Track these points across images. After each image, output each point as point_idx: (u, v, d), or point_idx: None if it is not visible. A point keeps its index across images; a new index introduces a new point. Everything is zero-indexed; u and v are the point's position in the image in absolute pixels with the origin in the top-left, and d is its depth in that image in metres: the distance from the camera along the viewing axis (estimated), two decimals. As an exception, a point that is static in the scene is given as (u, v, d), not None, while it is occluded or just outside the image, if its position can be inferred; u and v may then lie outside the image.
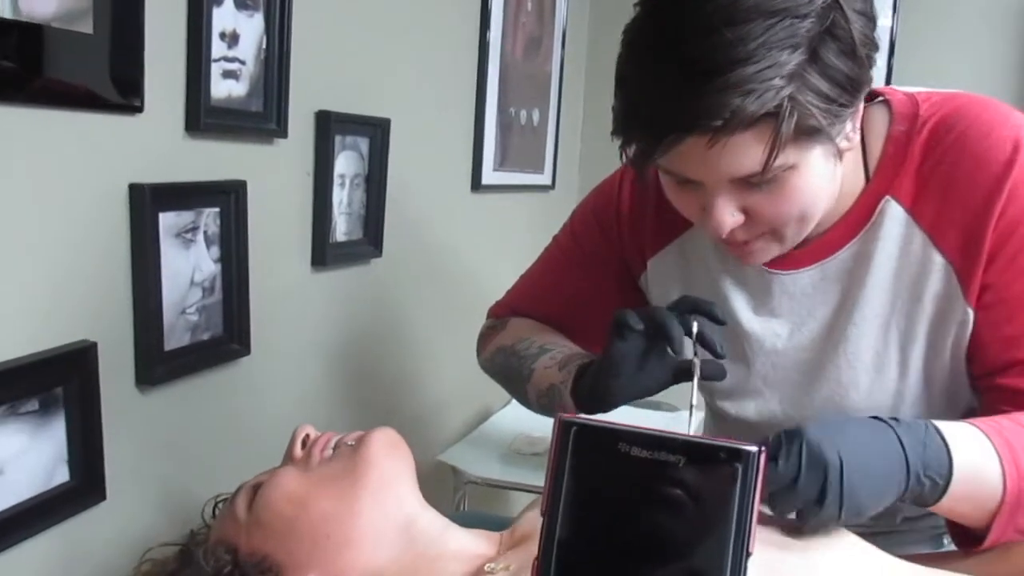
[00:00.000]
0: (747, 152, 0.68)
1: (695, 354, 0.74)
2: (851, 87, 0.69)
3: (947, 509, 0.71)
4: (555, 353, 0.96)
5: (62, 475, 0.88)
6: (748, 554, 0.48)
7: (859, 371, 0.85)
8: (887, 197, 0.81)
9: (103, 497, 0.92)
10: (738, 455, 0.49)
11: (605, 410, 0.83)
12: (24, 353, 0.82)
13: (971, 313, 0.79)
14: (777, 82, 0.65)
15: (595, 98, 2.47)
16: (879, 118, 0.82)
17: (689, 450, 0.50)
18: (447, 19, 1.63)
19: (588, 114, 2.49)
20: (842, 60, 0.68)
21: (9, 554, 0.83)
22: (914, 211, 0.80)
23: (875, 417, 0.69)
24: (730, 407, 0.94)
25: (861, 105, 0.74)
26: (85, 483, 0.90)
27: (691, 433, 0.62)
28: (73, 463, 0.89)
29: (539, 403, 0.97)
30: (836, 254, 0.84)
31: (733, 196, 0.73)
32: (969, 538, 0.74)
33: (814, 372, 0.87)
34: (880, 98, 0.84)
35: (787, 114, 0.66)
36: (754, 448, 0.49)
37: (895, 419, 0.68)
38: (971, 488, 0.69)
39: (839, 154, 0.74)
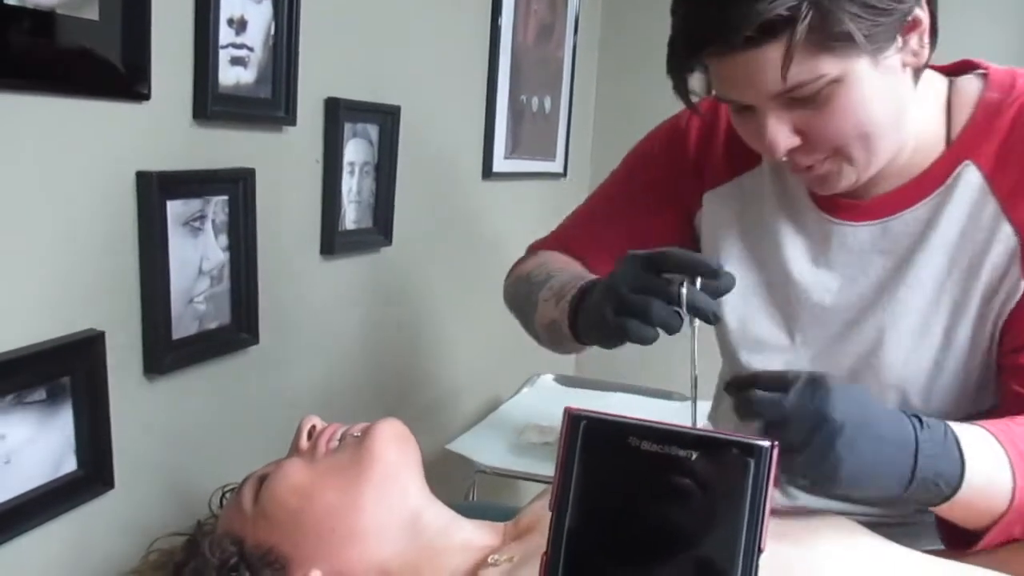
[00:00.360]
0: (773, 68, 0.69)
1: (691, 324, 0.68)
2: None
3: (947, 512, 0.69)
4: (554, 282, 0.92)
5: (70, 464, 0.88)
6: (760, 550, 0.48)
7: (902, 333, 0.83)
8: (967, 162, 0.79)
9: (111, 486, 0.92)
10: (750, 450, 0.48)
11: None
12: (31, 342, 0.82)
13: (1023, 286, 0.77)
14: None
15: (607, 85, 2.45)
16: (972, 87, 0.81)
17: (700, 444, 0.49)
18: (458, 5, 1.61)
19: (600, 101, 2.47)
20: None
21: (18, 542, 0.83)
22: (992, 179, 0.78)
23: (903, 412, 0.67)
24: (757, 361, 0.91)
25: (923, 17, 0.71)
26: (93, 472, 0.90)
27: (695, 402, 0.62)
28: (81, 452, 0.89)
29: (548, 338, 0.95)
30: (902, 213, 0.82)
31: (784, 116, 0.74)
32: (957, 536, 0.72)
33: (855, 328, 0.85)
34: (979, 70, 0.83)
35: (804, 18, 0.65)
36: (767, 443, 0.48)
37: (919, 418, 0.66)
38: (977, 499, 0.67)
39: (903, 68, 0.73)
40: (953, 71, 0.85)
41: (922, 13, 0.72)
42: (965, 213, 0.80)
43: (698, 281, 0.66)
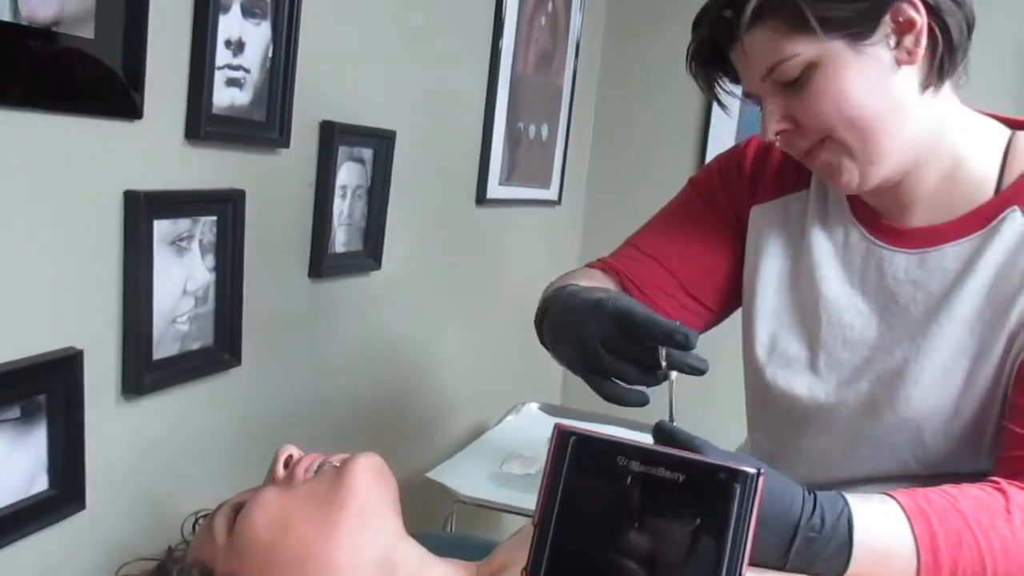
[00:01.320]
0: (764, 46, 0.77)
1: (669, 377, 0.71)
2: None
3: None
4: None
5: (41, 483, 0.87)
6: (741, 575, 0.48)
7: (925, 370, 0.83)
8: (1014, 207, 0.80)
9: (83, 507, 0.91)
10: (736, 475, 0.49)
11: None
12: (7, 359, 0.81)
13: None
14: None
15: (606, 114, 2.46)
16: None
17: (688, 468, 0.49)
18: (459, 31, 1.62)
19: (598, 130, 2.48)
20: None
21: (-17, 562, 0.81)
22: None
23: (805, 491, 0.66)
24: (782, 378, 0.92)
25: (917, 19, 0.74)
26: (65, 492, 0.89)
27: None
28: (53, 472, 0.87)
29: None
30: (943, 246, 0.83)
31: (778, 101, 0.80)
32: None
33: (879, 356, 0.86)
34: None
35: None
36: (753, 470, 0.49)
37: (815, 500, 0.65)
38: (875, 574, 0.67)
39: (897, 65, 0.76)
40: (1021, 125, 0.86)
41: (916, 15, 0.75)
42: (1005, 254, 0.80)
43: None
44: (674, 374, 0.67)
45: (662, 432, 0.67)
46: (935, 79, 0.78)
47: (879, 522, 0.68)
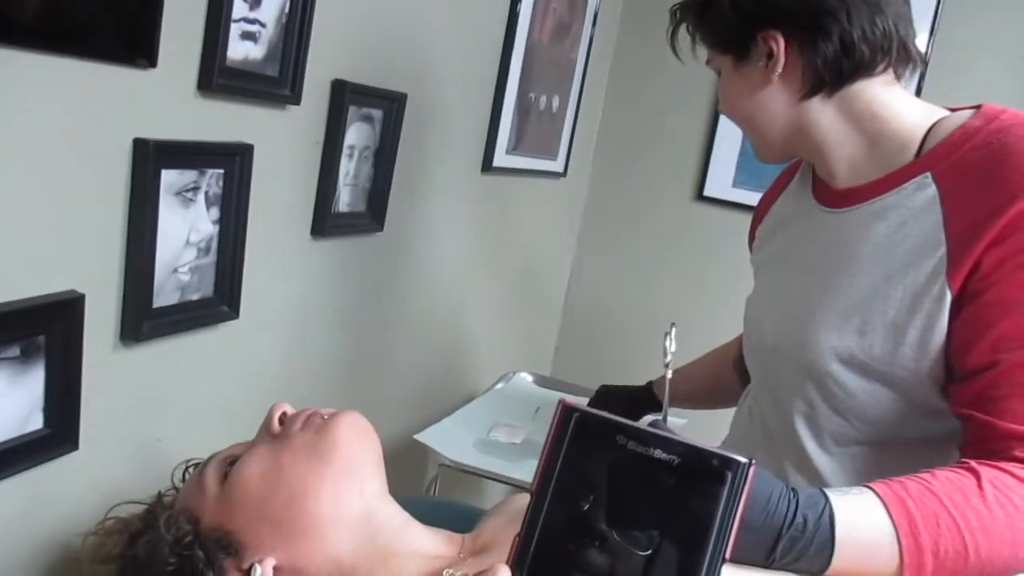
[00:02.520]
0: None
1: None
2: (722, 14, 0.92)
3: None
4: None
5: (36, 422, 0.88)
6: (725, 559, 0.50)
7: (825, 316, 0.92)
8: (927, 173, 0.87)
9: (76, 447, 0.92)
10: (728, 464, 0.51)
11: None
12: (9, 299, 0.82)
13: (948, 295, 0.82)
14: None
15: (617, 90, 2.45)
16: (962, 116, 0.89)
17: (684, 452, 0.51)
18: (477, -3, 1.60)
19: (608, 105, 2.47)
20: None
21: (-24, 495, 0.83)
22: (945, 191, 0.85)
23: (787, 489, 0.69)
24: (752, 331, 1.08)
25: (774, 48, 0.90)
26: (59, 432, 0.90)
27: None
28: (48, 411, 0.89)
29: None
30: (860, 205, 0.92)
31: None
32: None
33: (795, 306, 0.97)
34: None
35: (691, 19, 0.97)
36: (744, 459, 0.51)
37: (797, 499, 0.68)
38: (859, 565, 0.69)
39: (768, 82, 0.92)
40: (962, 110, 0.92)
41: (774, 45, 0.90)
42: (913, 217, 0.87)
43: None
44: (669, 373, 0.68)
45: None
46: (808, 88, 0.91)
47: (859, 515, 0.70)
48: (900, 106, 0.92)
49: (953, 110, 0.92)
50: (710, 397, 1.35)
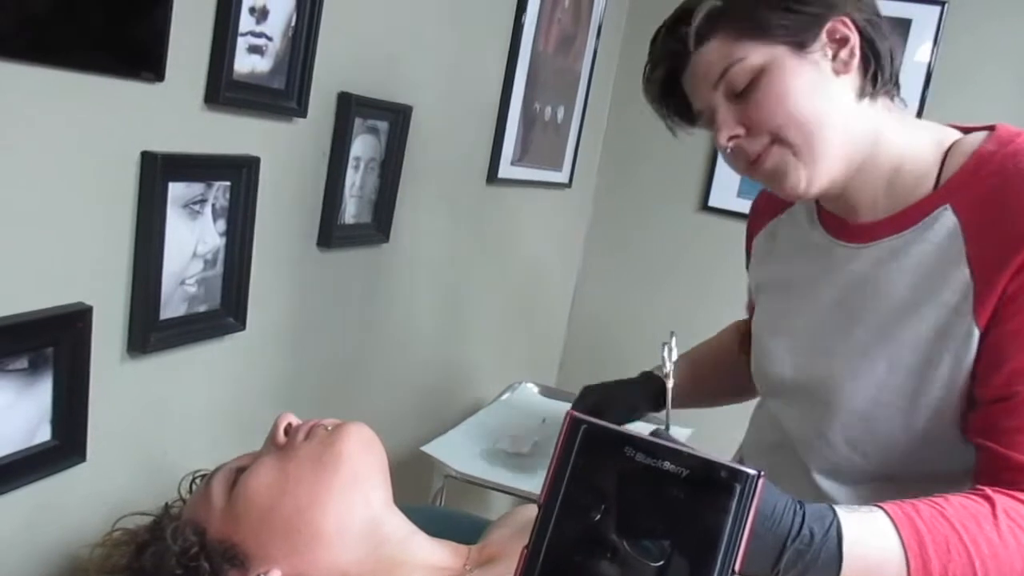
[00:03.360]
0: (717, 53, 0.85)
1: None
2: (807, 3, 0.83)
3: None
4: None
5: (44, 434, 0.88)
6: (734, 572, 0.50)
7: (848, 352, 0.89)
8: (946, 205, 0.84)
9: (83, 459, 0.93)
10: (737, 476, 0.51)
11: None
12: (18, 311, 0.82)
13: (976, 332, 0.80)
14: None
15: (622, 100, 2.45)
16: (975, 140, 0.87)
17: (693, 464, 0.51)
18: (481, 10, 1.61)
19: (613, 116, 2.48)
20: None
21: (-16, 506, 0.83)
22: (965, 222, 0.83)
23: (798, 501, 0.68)
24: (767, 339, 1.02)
25: (850, 36, 0.83)
26: (66, 444, 0.91)
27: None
28: (56, 423, 0.89)
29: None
30: (881, 240, 0.89)
31: (730, 110, 0.86)
32: None
33: (822, 343, 0.93)
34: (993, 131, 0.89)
35: (719, 7, 0.83)
36: (754, 472, 0.51)
37: (804, 512, 0.67)
38: None
39: (835, 75, 0.84)
40: (974, 131, 0.90)
41: (849, 32, 0.84)
42: (934, 252, 0.84)
43: None
44: (670, 383, 0.68)
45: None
46: (870, 88, 0.86)
47: (867, 532, 0.69)
48: (912, 127, 0.89)
49: (965, 129, 0.90)
50: (718, 383, 1.26)
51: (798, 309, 0.97)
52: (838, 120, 0.85)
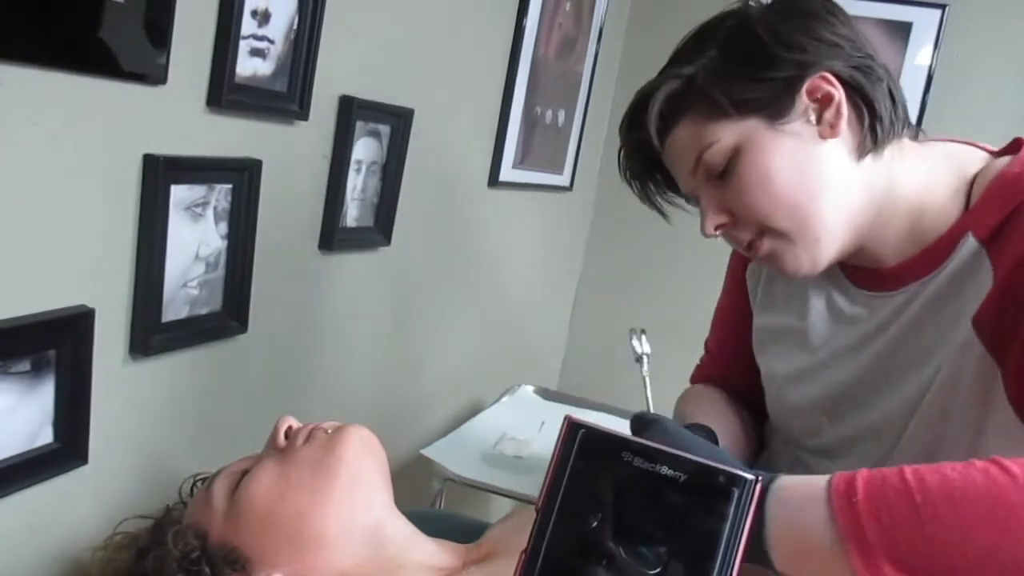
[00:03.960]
0: (688, 139, 0.78)
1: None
2: (756, 60, 0.75)
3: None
4: None
5: (46, 436, 0.88)
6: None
7: (907, 404, 0.80)
8: (967, 232, 0.77)
9: (85, 462, 0.92)
10: (735, 480, 0.51)
11: None
12: (20, 313, 0.82)
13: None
14: (685, 70, 0.77)
15: (623, 104, 2.44)
16: (1000, 164, 0.79)
17: (690, 469, 0.51)
18: (482, 13, 1.62)
19: (614, 119, 2.48)
20: (742, 42, 0.76)
21: (-14, 509, 0.83)
22: (990, 243, 0.75)
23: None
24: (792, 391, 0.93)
25: (834, 93, 0.75)
26: (68, 446, 0.90)
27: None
28: (58, 426, 0.89)
29: None
30: (909, 286, 0.80)
31: (712, 196, 0.80)
32: None
33: (866, 391, 0.85)
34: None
35: (678, 89, 0.77)
36: (751, 476, 0.50)
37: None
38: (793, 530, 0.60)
39: (820, 140, 0.76)
40: (1005, 151, 0.83)
41: (832, 89, 0.75)
42: (960, 279, 0.77)
43: None
44: (645, 368, 0.69)
45: (639, 420, 0.70)
46: (870, 144, 0.77)
47: (803, 479, 0.63)
48: (932, 162, 0.81)
49: (994, 153, 0.82)
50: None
51: (826, 363, 0.88)
52: (834, 192, 0.76)
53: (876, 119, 0.76)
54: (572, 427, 0.53)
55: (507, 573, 0.68)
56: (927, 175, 0.80)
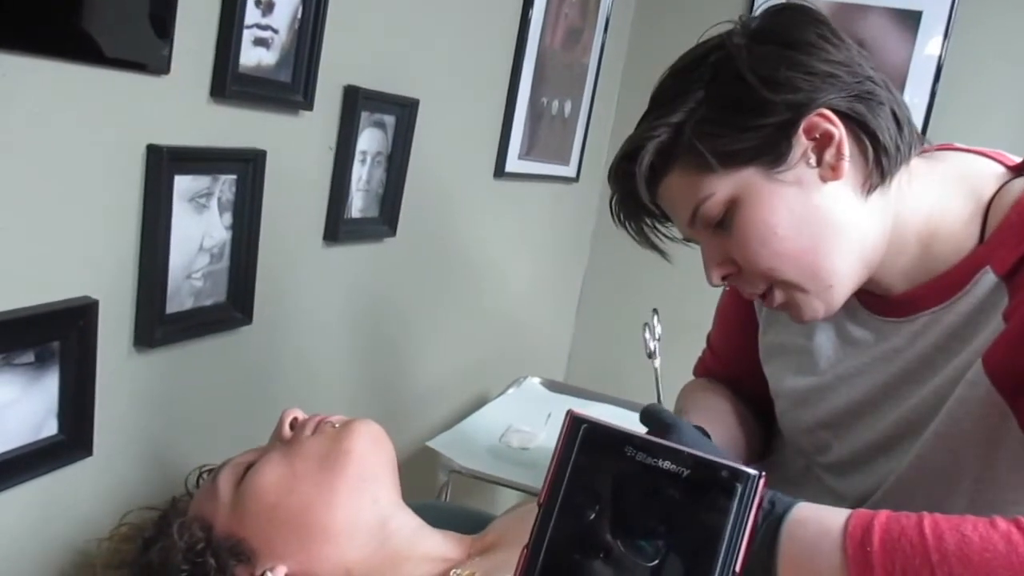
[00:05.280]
0: (681, 191, 0.74)
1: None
2: (746, 108, 0.69)
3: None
4: None
5: (51, 428, 0.88)
6: (735, 573, 0.49)
7: (887, 413, 0.80)
8: (986, 267, 0.72)
9: (90, 453, 0.92)
10: (738, 476, 0.50)
11: None
12: (24, 305, 0.82)
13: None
14: (672, 119, 0.72)
15: (630, 93, 2.44)
16: (1018, 187, 0.74)
17: (694, 464, 0.51)
18: (488, 3, 1.61)
19: (621, 110, 2.47)
20: (729, 86, 0.70)
21: (-9, 500, 0.83)
22: (1009, 279, 0.71)
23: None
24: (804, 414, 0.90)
25: (833, 131, 0.70)
26: (73, 438, 0.90)
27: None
28: (63, 417, 0.89)
29: None
30: (918, 315, 0.77)
31: (714, 245, 0.76)
32: None
33: (859, 415, 0.83)
34: None
35: (667, 140, 0.72)
36: (755, 471, 0.50)
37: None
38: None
39: (822, 182, 0.71)
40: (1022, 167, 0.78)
41: (832, 127, 0.70)
42: (975, 316, 0.73)
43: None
44: (657, 362, 0.69)
45: (648, 413, 0.69)
46: (877, 180, 0.72)
47: (822, 511, 0.62)
48: (944, 193, 0.76)
49: (1015, 168, 0.77)
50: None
51: (832, 385, 0.85)
52: (842, 236, 0.72)
53: (881, 151, 0.71)
54: (574, 422, 0.52)
55: (510, 562, 0.68)
56: (939, 200, 0.76)
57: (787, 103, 0.69)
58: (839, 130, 0.70)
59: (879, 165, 0.72)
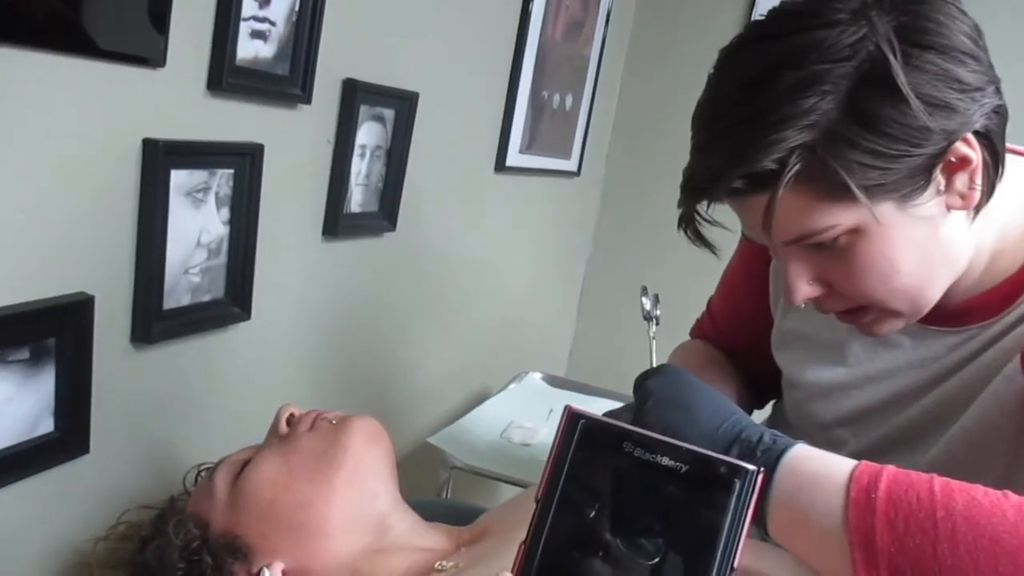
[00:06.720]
0: (793, 214, 0.63)
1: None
2: (901, 134, 0.59)
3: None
4: None
5: (46, 426, 0.87)
6: (733, 569, 0.49)
7: (925, 426, 0.77)
8: None
9: (86, 451, 0.91)
10: (737, 471, 0.50)
11: None
12: (19, 301, 0.81)
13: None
14: (789, 133, 0.59)
15: (631, 87, 2.43)
16: None
17: (692, 459, 0.51)
18: (489, -5, 1.59)
19: (622, 103, 2.45)
20: (879, 101, 0.59)
21: (-14, 499, 0.82)
22: None
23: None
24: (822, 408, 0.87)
25: (972, 156, 0.63)
26: (69, 435, 0.89)
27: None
28: (59, 415, 0.88)
29: None
30: (966, 328, 0.73)
31: (805, 263, 0.68)
32: None
33: (902, 426, 0.80)
34: None
35: (791, 169, 0.60)
36: (753, 467, 0.50)
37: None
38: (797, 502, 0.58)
39: (947, 211, 0.64)
40: None
41: (971, 152, 0.63)
42: (1019, 321, 0.71)
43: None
44: (653, 330, 0.70)
45: (645, 373, 0.69)
46: (985, 202, 0.66)
47: (825, 454, 0.60)
48: (1015, 198, 0.71)
49: None
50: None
51: (858, 384, 0.82)
52: (955, 265, 0.68)
53: (1000, 174, 0.65)
54: (572, 417, 0.52)
55: (497, 551, 0.68)
56: (1012, 213, 0.71)
57: (944, 130, 0.60)
58: (977, 155, 0.63)
59: (991, 187, 0.65)
